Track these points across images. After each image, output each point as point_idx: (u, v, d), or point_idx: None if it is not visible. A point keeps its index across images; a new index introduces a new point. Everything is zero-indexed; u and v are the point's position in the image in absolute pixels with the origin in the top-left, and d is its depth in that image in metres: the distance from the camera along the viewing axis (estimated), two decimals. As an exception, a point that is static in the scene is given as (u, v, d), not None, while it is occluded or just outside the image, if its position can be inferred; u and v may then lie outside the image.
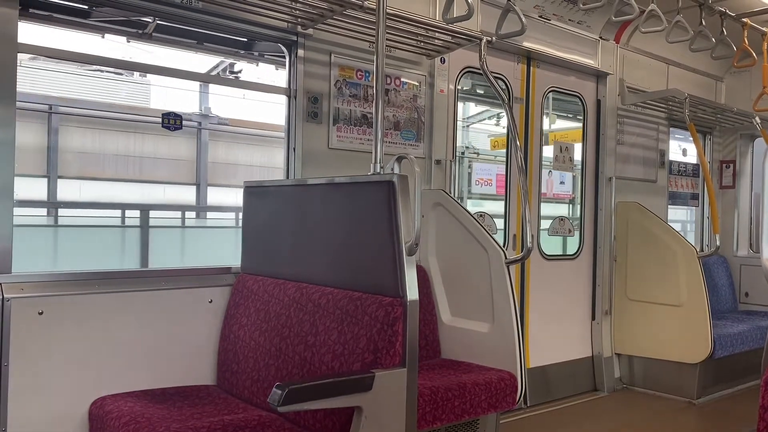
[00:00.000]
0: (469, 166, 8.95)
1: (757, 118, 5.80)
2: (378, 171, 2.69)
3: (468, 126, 9.41)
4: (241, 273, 3.36)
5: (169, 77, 4.07)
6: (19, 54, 2.85)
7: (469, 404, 3.21)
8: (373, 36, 3.36)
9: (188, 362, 3.19)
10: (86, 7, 3.26)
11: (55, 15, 3.24)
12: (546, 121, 5.26)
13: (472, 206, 8.49)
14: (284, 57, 3.76)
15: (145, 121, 9.75)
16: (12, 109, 2.83)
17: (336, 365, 2.53)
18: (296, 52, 3.71)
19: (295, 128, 3.71)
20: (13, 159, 2.84)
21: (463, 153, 9.11)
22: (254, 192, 3.38)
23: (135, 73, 9.98)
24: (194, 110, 10.35)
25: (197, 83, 9.79)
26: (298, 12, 3.47)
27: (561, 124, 5.96)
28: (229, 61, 7.01)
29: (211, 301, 3.28)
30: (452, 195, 4.17)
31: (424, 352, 3.76)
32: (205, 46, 3.84)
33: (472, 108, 8.89)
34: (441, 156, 4.34)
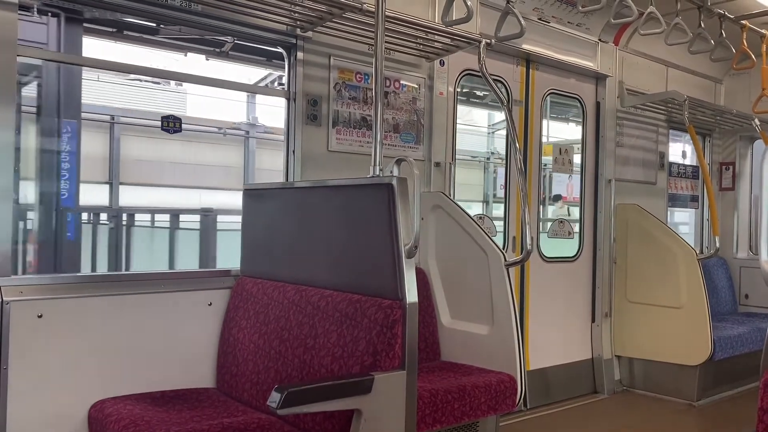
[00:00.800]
0: (495, 171, 9.08)
1: (756, 120, 5.80)
2: (377, 173, 2.69)
3: (493, 132, 9.53)
4: (240, 276, 3.36)
5: (169, 80, 4.07)
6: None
7: (469, 407, 3.21)
8: (373, 38, 3.37)
9: (188, 365, 3.18)
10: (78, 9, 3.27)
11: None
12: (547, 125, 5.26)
13: (498, 210, 8.62)
14: (283, 60, 3.77)
15: (196, 130, 10.22)
16: (11, 111, 2.82)
17: (335, 368, 2.53)
18: (295, 55, 3.71)
19: (295, 131, 3.71)
20: (12, 161, 2.84)
21: (488, 158, 9.20)
22: (254, 195, 3.38)
23: (171, 82, 10.33)
24: (242, 120, 10.72)
25: (244, 94, 10.14)
26: (297, 15, 3.48)
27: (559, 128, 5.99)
28: (278, 73, 7.13)
29: (210, 304, 3.28)
30: (452, 197, 4.17)
31: (423, 354, 3.76)
32: (274, 62, 3.94)
33: (499, 115, 9.02)
34: (440, 158, 4.34)
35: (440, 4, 4.03)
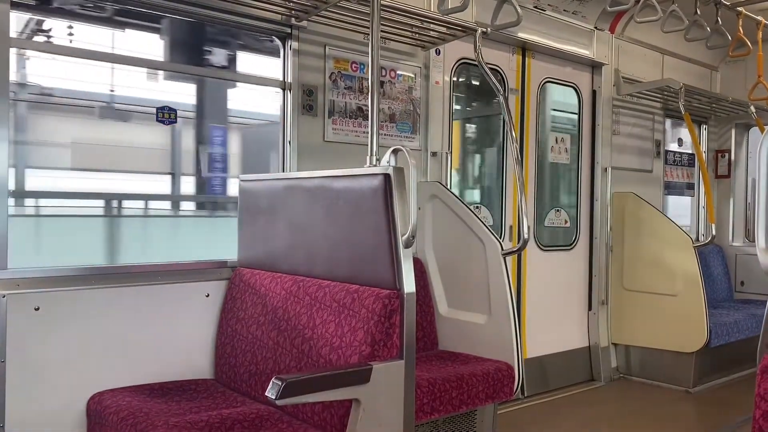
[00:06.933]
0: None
1: (752, 108, 5.80)
2: (374, 163, 2.69)
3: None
4: (237, 267, 3.36)
5: (156, 70, 4.03)
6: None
7: (467, 395, 3.22)
8: (368, 28, 3.35)
9: (186, 356, 3.19)
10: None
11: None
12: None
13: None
14: (279, 50, 3.74)
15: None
16: (5, 103, 2.81)
17: (333, 358, 2.53)
18: (290, 45, 3.69)
19: (290, 121, 3.69)
20: (7, 154, 2.82)
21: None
22: (250, 185, 3.37)
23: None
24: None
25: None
26: (291, 4, 3.46)
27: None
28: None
29: (208, 295, 3.27)
30: (448, 187, 4.16)
31: (421, 343, 3.77)
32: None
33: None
34: (437, 148, 4.33)
35: (436, -7, 4.01)
